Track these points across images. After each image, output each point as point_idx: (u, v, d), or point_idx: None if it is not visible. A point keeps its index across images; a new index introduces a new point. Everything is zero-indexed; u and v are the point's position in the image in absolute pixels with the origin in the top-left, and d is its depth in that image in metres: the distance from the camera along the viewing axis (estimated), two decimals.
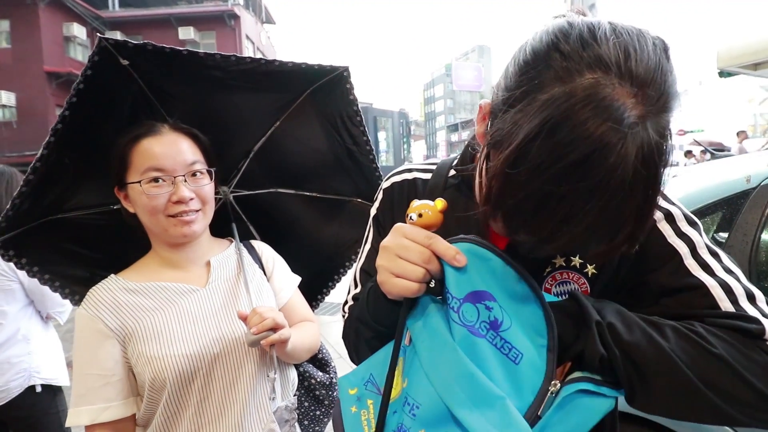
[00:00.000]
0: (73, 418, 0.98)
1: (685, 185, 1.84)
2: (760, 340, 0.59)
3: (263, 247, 1.32)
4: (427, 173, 0.86)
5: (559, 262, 0.72)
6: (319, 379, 1.34)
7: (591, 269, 0.71)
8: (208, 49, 1.11)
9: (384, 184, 0.90)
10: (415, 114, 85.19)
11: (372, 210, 0.91)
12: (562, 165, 0.49)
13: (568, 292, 0.72)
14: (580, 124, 0.49)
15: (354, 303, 0.88)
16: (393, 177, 0.89)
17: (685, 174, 2.02)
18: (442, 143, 78.61)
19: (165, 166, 1.03)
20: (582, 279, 0.71)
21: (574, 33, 0.53)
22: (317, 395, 1.34)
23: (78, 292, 1.22)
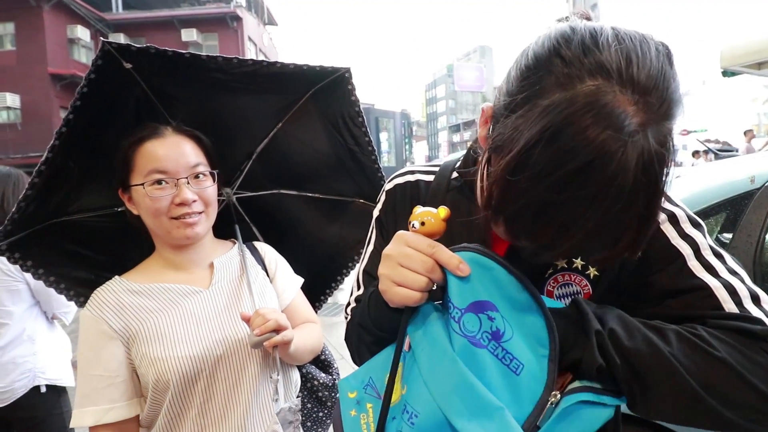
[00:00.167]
0: (78, 418, 0.99)
1: (689, 186, 1.84)
2: (764, 341, 0.59)
3: (266, 249, 1.32)
4: (430, 175, 0.85)
5: (561, 264, 0.72)
6: (322, 381, 1.34)
7: (593, 271, 0.71)
8: (210, 51, 1.12)
9: (387, 185, 0.89)
10: (417, 115, 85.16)
11: (375, 211, 0.91)
12: (562, 173, 0.49)
13: (570, 294, 0.71)
14: (580, 131, 0.48)
15: (356, 305, 0.88)
16: (396, 179, 0.89)
17: (689, 174, 2.02)
18: (444, 144, 78.48)
19: (168, 168, 1.03)
20: (584, 281, 0.71)
21: (576, 38, 0.53)
22: (320, 397, 1.34)
23: (83, 293, 1.23)
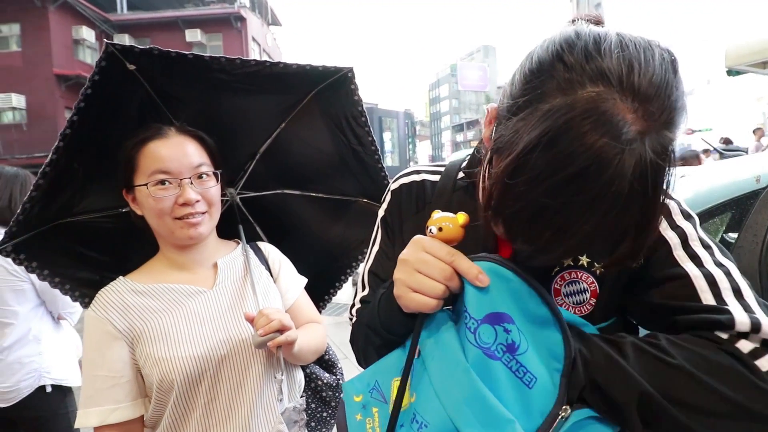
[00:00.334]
0: (82, 419, 0.99)
1: (694, 185, 1.82)
2: (727, 341, 0.57)
3: (270, 249, 1.32)
4: (436, 175, 0.85)
5: (568, 261, 0.71)
6: (326, 381, 1.34)
7: (599, 268, 0.71)
8: (214, 52, 1.12)
9: (392, 185, 0.89)
10: (421, 114, 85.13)
11: (380, 211, 0.90)
12: (559, 177, 0.49)
13: (577, 292, 0.71)
14: (578, 137, 0.48)
15: (362, 306, 0.87)
16: (401, 178, 0.88)
17: (694, 174, 2.00)
18: (447, 143, 78.44)
19: (171, 168, 1.03)
20: (591, 278, 0.71)
21: (579, 44, 0.53)
22: (324, 396, 1.34)
23: (87, 294, 1.23)
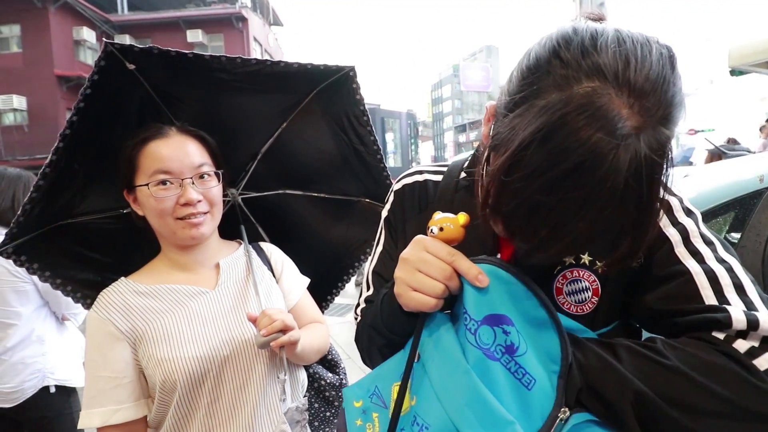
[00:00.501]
0: (85, 419, 0.99)
1: (698, 185, 1.82)
2: (723, 341, 0.56)
3: (272, 249, 1.32)
4: (438, 175, 0.85)
5: (569, 260, 0.71)
6: (329, 381, 1.34)
7: (600, 266, 0.70)
8: (216, 52, 1.12)
9: (395, 186, 0.89)
10: (423, 115, 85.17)
11: (383, 212, 0.90)
12: (554, 173, 0.49)
13: (579, 291, 0.71)
14: (573, 132, 0.48)
15: (366, 306, 0.88)
16: (404, 179, 0.89)
17: (698, 174, 2.00)
18: (449, 144, 78.46)
19: (172, 168, 1.03)
20: (592, 276, 0.70)
21: (576, 40, 0.53)
22: (327, 396, 1.34)
23: (89, 295, 1.23)
